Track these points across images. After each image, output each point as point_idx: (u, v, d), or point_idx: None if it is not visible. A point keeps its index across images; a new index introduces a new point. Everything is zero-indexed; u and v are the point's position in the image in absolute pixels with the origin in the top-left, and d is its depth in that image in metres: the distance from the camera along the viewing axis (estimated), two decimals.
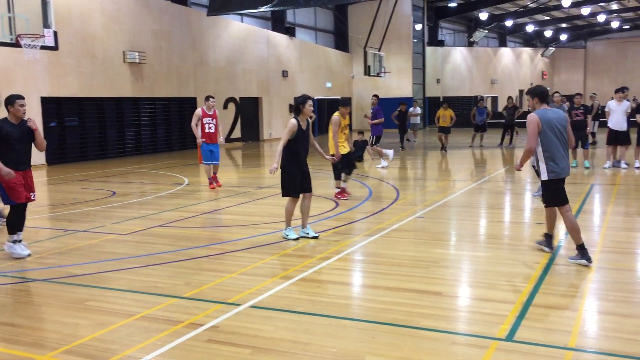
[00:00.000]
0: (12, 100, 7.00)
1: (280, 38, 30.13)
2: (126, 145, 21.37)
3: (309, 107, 7.59)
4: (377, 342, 4.28)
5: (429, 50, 40.45)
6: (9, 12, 12.03)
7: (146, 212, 9.85)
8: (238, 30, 27.06)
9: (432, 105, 39.98)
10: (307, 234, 7.66)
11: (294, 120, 7.51)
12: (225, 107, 26.16)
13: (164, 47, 22.54)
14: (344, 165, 10.63)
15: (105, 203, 10.94)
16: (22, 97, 7.08)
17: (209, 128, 12.29)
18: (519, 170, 6.64)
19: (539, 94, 6.30)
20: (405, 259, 6.50)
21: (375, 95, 17.75)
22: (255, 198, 11.18)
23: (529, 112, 7.38)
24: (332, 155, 8.12)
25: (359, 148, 17.58)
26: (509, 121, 22.07)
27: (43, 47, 12.86)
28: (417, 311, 4.86)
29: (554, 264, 6.18)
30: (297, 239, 7.49)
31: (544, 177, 6.18)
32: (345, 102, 10.69)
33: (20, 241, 7.10)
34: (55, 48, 13.41)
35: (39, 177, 15.53)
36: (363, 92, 37.40)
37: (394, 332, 4.46)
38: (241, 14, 27.60)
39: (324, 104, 33.77)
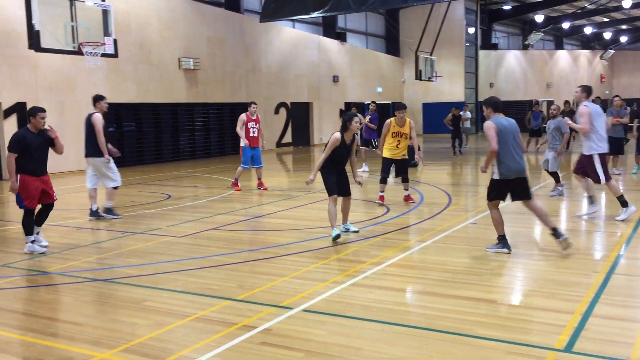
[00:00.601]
0: (34, 112, 7.47)
1: (331, 43, 30.25)
2: (180, 149, 21.87)
3: (355, 124, 7.83)
4: (430, 349, 4.24)
5: (482, 53, 39.80)
6: (72, 21, 12.51)
7: (200, 215, 10.04)
8: (290, 36, 27.32)
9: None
10: (348, 229, 8.22)
11: (338, 135, 7.83)
12: (276, 112, 26.44)
13: (218, 53, 22.98)
14: (385, 171, 10.64)
15: (161, 206, 11.22)
16: (43, 110, 7.58)
17: (253, 132, 12.61)
18: (484, 172, 7.06)
19: (492, 104, 6.94)
20: (459, 266, 6.41)
21: (374, 102, 17.62)
22: (306, 202, 11.23)
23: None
24: (359, 183, 8.39)
25: (410, 153, 17.46)
26: None
27: (103, 55, 13.31)
28: (471, 319, 4.79)
29: (614, 273, 5.98)
30: (338, 235, 7.61)
31: (495, 176, 6.85)
32: (399, 106, 10.60)
33: (33, 241, 7.54)
34: (114, 55, 13.85)
35: None
36: (414, 96, 37.11)
37: (447, 339, 4.41)
38: (293, 20, 27.87)
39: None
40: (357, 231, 8.24)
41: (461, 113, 23.69)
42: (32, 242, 7.56)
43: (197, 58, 21.76)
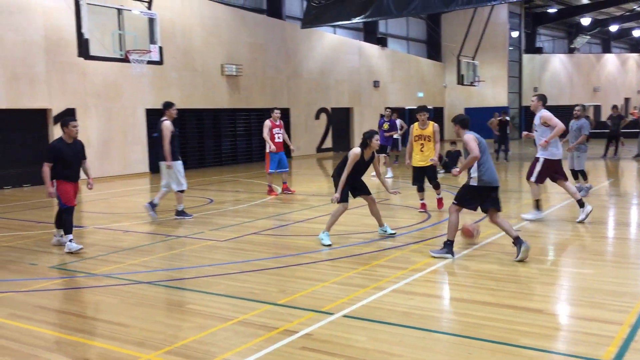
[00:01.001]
0: (66, 122, 7.98)
1: (372, 48, 30.21)
2: (222, 154, 22.17)
3: (375, 141, 7.95)
4: (472, 357, 4.18)
5: (525, 57, 39.10)
6: (120, 29, 12.87)
7: (241, 220, 10.15)
8: (331, 41, 27.42)
9: (528, 114, 38.55)
10: (385, 231, 8.38)
11: (357, 150, 7.95)
12: (317, 117, 26.55)
13: (259, 59, 23.23)
14: (415, 179, 10.39)
15: (203, 210, 11.39)
16: (75, 119, 8.15)
17: (278, 138, 12.92)
18: (455, 175, 7.46)
19: (460, 121, 7.35)
20: (502, 274, 6.30)
21: (389, 108, 17.96)
22: (348, 207, 11.19)
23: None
24: (396, 192, 8.54)
25: (452, 159, 17.29)
26: (613, 131, 20.88)
27: (149, 62, 13.64)
28: (515, 328, 4.70)
29: None
30: (329, 245, 7.79)
31: (473, 183, 7.02)
32: (420, 109, 10.30)
33: (71, 240, 7.93)
34: (160, 62, 14.17)
35: (143, 185, 16.44)
36: (456, 101, 36.71)
37: (490, 348, 4.33)
38: (334, 26, 27.95)
39: (414, 115, 33.44)
40: (393, 234, 8.36)
41: (499, 118, 23.22)
42: (71, 240, 7.90)
43: (239, 64, 22.04)
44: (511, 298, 5.48)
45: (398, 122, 20.38)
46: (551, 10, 38.47)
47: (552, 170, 9.19)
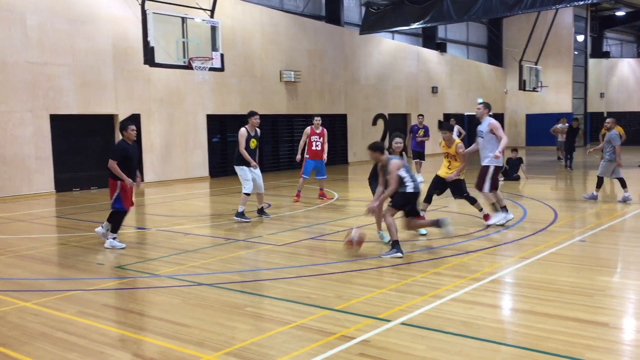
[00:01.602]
0: (125, 127, 8.47)
1: (430, 54, 29.93)
2: (280, 159, 22.43)
3: (396, 144, 8.31)
4: None
5: (591, 62, 37.82)
6: (183, 37, 13.24)
7: (298, 225, 10.24)
8: (389, 47, 27.33)
9: (594, 121, 37.26)
10: (383, 237, 8.46)
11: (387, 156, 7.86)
12: (374, 123, 26.50)
13: (318, 65, 23.40)
14: (431, 187, 9.84)
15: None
16: (133, 123, 8.57)
17: (316, 146, 13.10)
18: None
19: (377, 148, 7.70)
20: (566, 285, 6.11)
21: (421, 115, 17.66)
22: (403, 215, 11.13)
23: None
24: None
25: (512, 166, 16.89)
26: None
27: (211, 69, 13.96)
28: (580, 342, 4.55)
29: None
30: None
31: (410, 190, 7.57)
32: (443, 127, 9.82)
33: (115, 238, 8.56)
34: (221, 69, 14.49)
35: (203, 189, 16.81)
36: (517, 107, 35.89)
37: None
38: (392, 32, 27.85)
39: (474, 120, 32.87)
40: (388, 242, 8.04)
41: (560, 125, 22.45)
42: (114, 238, 8.52)
43: (298, 70, 22.27)
44: (575, 310, 5.31)
45: (456, 128, 20.09)
46: (619, 13, 37.06)
47: (498, 176, 9.51)
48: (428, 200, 9.80)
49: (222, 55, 14.09)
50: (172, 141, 18.53)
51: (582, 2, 20.10)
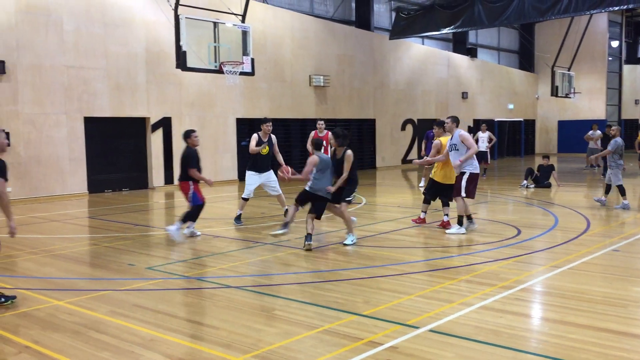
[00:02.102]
0: (189, 134, 9.50)
1: (460, 59, 29.70)
2: None
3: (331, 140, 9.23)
4: None
5: (626, 68, 37.10)
6: (215, 42, 13.38)
7: (326, 229, 10.24)
8: (418, 52, 27.21)
9: (628, 128, 36.51)
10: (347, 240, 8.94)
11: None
12: (403, 128, 26.40)
13: (347, 70, 23.41)
14: (428, 192, 10.42)
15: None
16: (195, 130, 9.61)
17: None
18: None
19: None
20: (598, 295, 5.99)
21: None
22: (433, 221, 11.07)
23: None
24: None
25: (544, 173, 16.65)
26: None
27: (241, 73, 14.07)
28: (613, 353, 4.46)
29: None
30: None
31: (307, 188, 8.59)
32: (440, 123, 10.42)
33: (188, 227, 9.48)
34: (252, 74, 14.59)
35: (232, 192, 16.94)
36: (549, 113, 35.38)
37: None
38: (423, 37, 27.73)
39: (504, 126, 32.52)
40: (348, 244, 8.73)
41: (590, 132, 22.01)
42: (179, 228, 9.24)
43: (327, 75, 22.31)
44: (608, 321, 5.21)
45: (487, 134, 19.89)
46: None
47: (476, 182, 9.61)
48: (427, 202, 10.54)
49: (252, 60, 14.19)
50: (202, 144, 18.48)
51: (616, 8, 19.74)
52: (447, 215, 10.15)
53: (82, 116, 15.95)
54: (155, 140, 17.64)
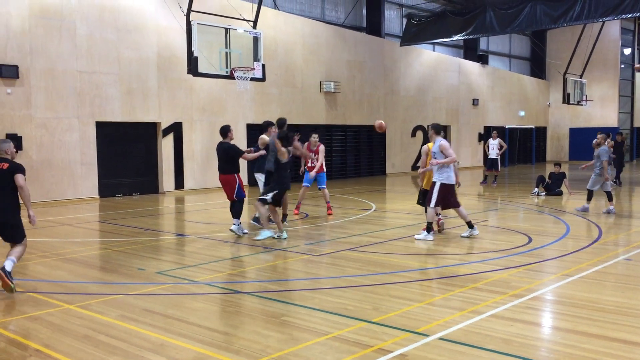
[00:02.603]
0: (229, 129, 10.08)
1: (472, 66, 29.66)
2: None
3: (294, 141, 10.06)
4: None
5: (639, 76, 36.85)
6: (227, 48, 13.45)
7: (336, 235, 10.23)
8: (429, 58, 27.20)
9: None
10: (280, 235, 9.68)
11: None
12: (413, 135, 26.36)
13: (357, 76, 23.44)
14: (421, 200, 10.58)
15: (298, 224, 11.58)
16: (231, 128, 10.17)
17: (312, 162, 12.99)
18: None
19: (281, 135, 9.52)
20: (611, 305, 5.93)
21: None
22: (444, 228, 11.03)
23: None
24: None
25: (555, 180, 16.55)
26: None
27: (252, 79, 14.14)
28: None
29: None
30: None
31: (268, 197, 9.49)
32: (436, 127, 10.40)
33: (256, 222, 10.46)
34: (262, 79, 14.65)
35: None
36: (560, 120, 35.23)
37: None
38: (434, 43, 27.72)
39: (515, 133, 32.39)
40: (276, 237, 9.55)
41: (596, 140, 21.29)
42: (240, 223, 10.11)
43: (337, 81, 22.35)
44: (621, 331, 5.15)
45: (497, 141, 19.82)
46: None
47: (447, 193, 9.68)
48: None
49: (263, 66, 14.26)
50: (213, 149, 18.63)
51: (629, 15, 19.63)
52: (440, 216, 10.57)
53: (94, 121, 16.07)
54: (166, 145, 17.73)
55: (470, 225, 9.79)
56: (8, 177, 6.72)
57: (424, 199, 10.32)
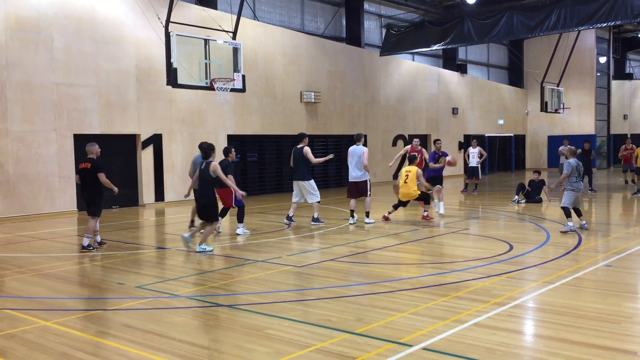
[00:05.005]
0: (230, 150, 11.85)
1: (451, 75, 29.93)
2: None
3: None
4: None
5: (614, 84, 37.52)
6: (206, 59, 13.39)
7: (318, 246, 10.19)
8: (409, 68, 27.39)
9: (617, 142, 36.86)
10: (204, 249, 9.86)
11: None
12: (394, 144, 26.46)
13: (338, 86, 23.51)
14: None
15: (280, 235, 11.53)
16: (232, 149, 11.94)
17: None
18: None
19: (206, 150, 10.41)
20: (592, 312, 5.96)
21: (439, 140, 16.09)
22: (424, 237, 11.05)
23: None
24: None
25: (535, 188, 16.70)
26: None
27: (232, 90, 14.08)
28: None
29: None
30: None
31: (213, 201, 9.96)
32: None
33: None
34: (242, 90, 14.59)
35: None
36: (539, 128, 35.64)
37: None
38: (413, 53, 27.93)
39: (495, 141, 32.69)
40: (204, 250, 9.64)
41: (562, 148, 21.20)
42: (243, 226, 11.47)
43: (318, 91, 22.39)
44: (602, 338, 5.17)
45: (477, 149, 19.97)
46: None
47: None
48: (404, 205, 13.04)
49: (243, 77, 14.21)
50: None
51: (604, 24, 19.97)
52: (426, 211, 13.14)
53: (71, 133, 15.88)
54: (146, 157, 17.57)
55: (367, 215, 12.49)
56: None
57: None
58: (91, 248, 10.04)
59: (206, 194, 9.79)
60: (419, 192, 12.65)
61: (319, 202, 12.75)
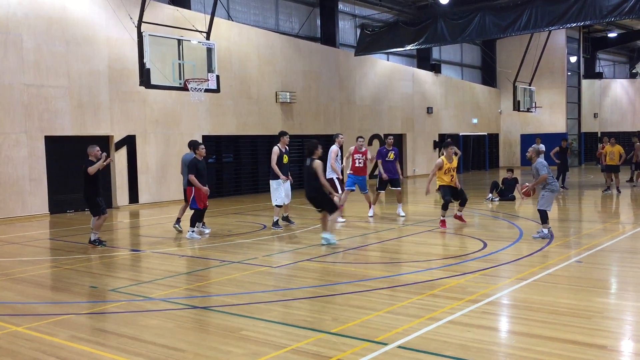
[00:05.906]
0: (197, 146, 11.33)
1: (425, 75, 30.14)
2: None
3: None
4: None
5: (585, 83, 38.15)
6: (179, 59, 13.29)
7: (295, 246, 10.19)
8: (384, 68, 27.52)
9: (588, 141, 37.53)
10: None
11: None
12: (370, 143, 26.54)
13: (313, 86, 23.51)
14: (447, 194, 11.80)
15: (256, 236, 11.49)
16: (202, 144, 11.46)
17: (359, 162, 14.56)
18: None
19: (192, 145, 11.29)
20: (563, 307, 6.06)
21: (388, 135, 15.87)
22: (401, 235, 11.12)
23: None
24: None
25: (508, 186, 16.92)
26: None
27: (207, 90, 14.00)
28: None
29: None
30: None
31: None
32: (447, 144, 12.05)
33: (193, 231, 11.10)
34: (217, 91, 14.51)
35: None
36: (512, 127, 36.08)
37: None
38: (387, 53, 28.07)
39: (469, 140, 33.03)
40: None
41: (539, 146, 21.41)
42: (193, 232, 11.05)
43: (293, 91, 22.36)
44: (573, 333, 5.27)
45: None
46: (611, 35, 37.52)
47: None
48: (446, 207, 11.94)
49: (217, 77, 14.14)
50: (167, 162, 18.50)
51: (574, 24, 20.31)
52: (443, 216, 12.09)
53: (43, 135, 15.61)
54: (120, 159, 17.36)
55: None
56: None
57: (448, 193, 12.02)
58: (97, 243, 10.47)
59: (313, 187, 10.19)
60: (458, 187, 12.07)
61: (278, 206, 12.41)
